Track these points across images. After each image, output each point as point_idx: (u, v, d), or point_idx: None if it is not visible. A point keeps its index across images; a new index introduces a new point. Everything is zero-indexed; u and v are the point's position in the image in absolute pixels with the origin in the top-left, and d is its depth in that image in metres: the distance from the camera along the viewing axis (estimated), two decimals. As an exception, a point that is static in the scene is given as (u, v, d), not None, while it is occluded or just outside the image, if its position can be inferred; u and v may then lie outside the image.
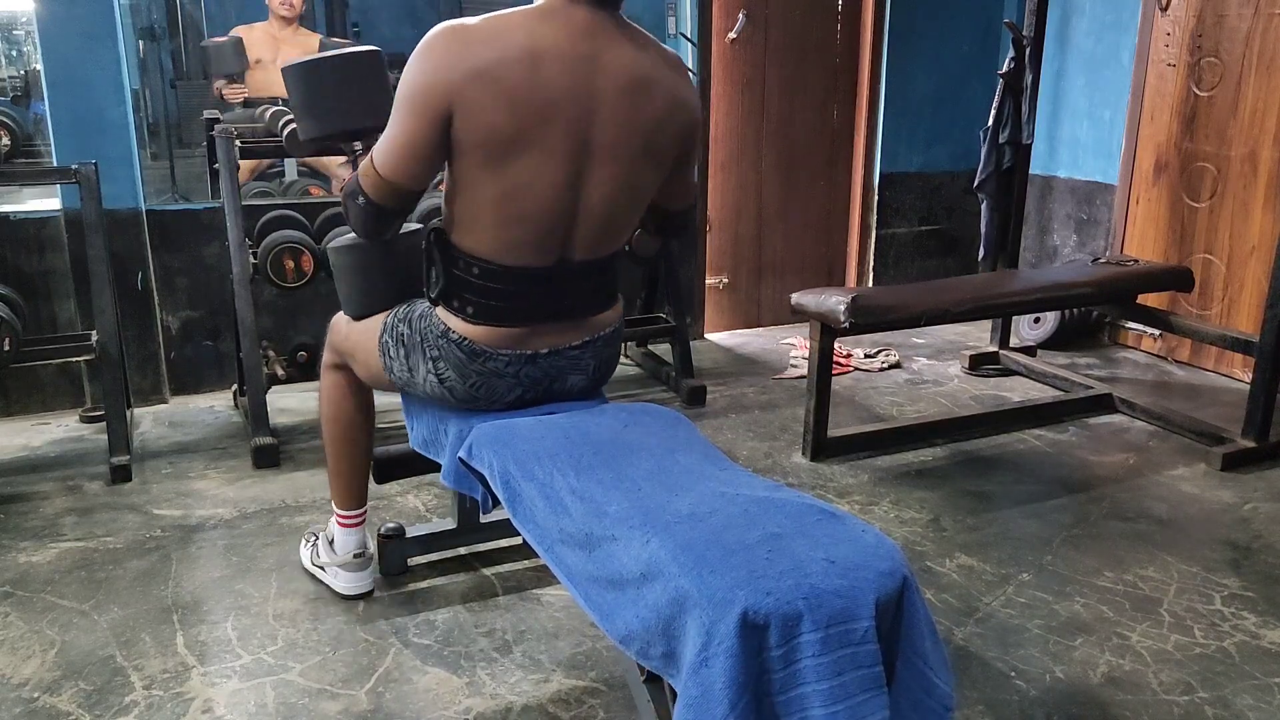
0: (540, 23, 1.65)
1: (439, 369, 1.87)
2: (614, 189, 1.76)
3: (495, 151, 1.65)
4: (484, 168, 1.68)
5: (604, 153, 1.71)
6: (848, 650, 1.25)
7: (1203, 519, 2.84)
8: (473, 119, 1.62)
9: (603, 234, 1.82)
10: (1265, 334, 3.16)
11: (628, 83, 1.69)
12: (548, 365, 1.89)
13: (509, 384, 1.88)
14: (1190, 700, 2.02)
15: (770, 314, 4.87)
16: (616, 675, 2.07)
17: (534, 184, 1.69)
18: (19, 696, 2.01)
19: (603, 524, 1.47)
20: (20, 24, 3.74)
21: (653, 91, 1.71)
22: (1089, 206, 4.55)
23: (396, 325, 1.95)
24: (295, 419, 3.51)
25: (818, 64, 4.69)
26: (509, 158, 1.66)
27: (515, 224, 1.73)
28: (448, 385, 1.88)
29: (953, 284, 3.56)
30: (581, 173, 1.71)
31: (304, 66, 2.01)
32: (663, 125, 1.75)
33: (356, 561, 2.36)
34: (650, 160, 1.78)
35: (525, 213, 1.72)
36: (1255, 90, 3.80)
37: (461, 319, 1.83)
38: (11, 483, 3.02)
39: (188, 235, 3.65)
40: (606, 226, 1.82)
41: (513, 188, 1.69)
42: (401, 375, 1.96)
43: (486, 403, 1.90)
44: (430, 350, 1.87)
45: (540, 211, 1.72)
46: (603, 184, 1.74)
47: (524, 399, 1.92)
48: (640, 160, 1.76)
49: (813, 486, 3.03)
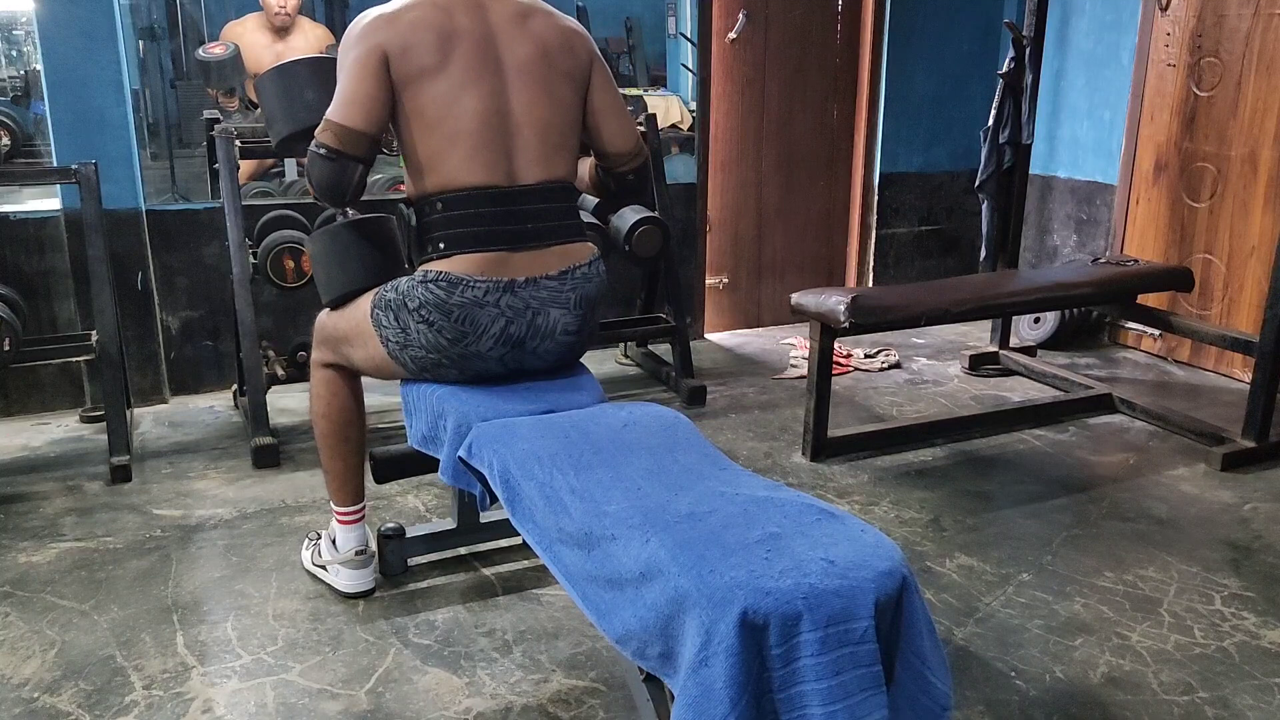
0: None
1: (425, 314, 1.96)
2: (533, 98, 1.99)
3: (423, 78, 1.92)
4: (417, 97, 1.93)
5: (514, 68, 1.98)
6: (847, 650, 1.25)
7: (1203, 519, 2.84)
8: (401, 55, 1.91)
9: (543, 148, 2.01)
10: (1265, 334, 3.16)
11: (514, 14, 2.02)
12: (527, 295, 1.99)
13: (491, 314, 1.97)
14: (1190, 700, 2.02)
15: (770, 314, 4.87)
16: (616, 675, 2.07)
17: (462, 99, 1.94)
18: (19, 696, 2.01)
19: (602, 523, 1.47)
20: (20, 24, 3.74)
21: (537, 17, 2.04)
22: (1089, 206, 4.55)
23: (384, 295, 2.05)
24: (295, 419, 3.51)
25: (818, 64, 4.69)
26: (435, 82, 1.92)
27: (455, 142, 1.94)
28: (436, 327, 1.96)
29: (953, 284, 3.56)
30: (501, 87, 1.97)
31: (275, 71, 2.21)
32: (559, 43, 2.04)
33: (358, 559, 2.36)
34: (557, 75, 2.03)
35: (459, 128, 1.94)
36: (1255, 90, 3.80)
37: (437, 258, 1.98)
38: (11, 483, 3.02)
39: (188, 235, 3.65)
40: (543, 140, 2.01)
41: (444, 107, 1.93)
42: (397, 340, 2.02)
43: (474, 337, 1.97)
44: (412, 301, 1.97)
45: (474, 123, 1.94)
46: (521, 94, 1.99)
47: (509, 331, 1.98)
48: (547, 72, 2.01)
49: (813, 486, 3.03)
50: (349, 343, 2.14)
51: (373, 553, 2.42)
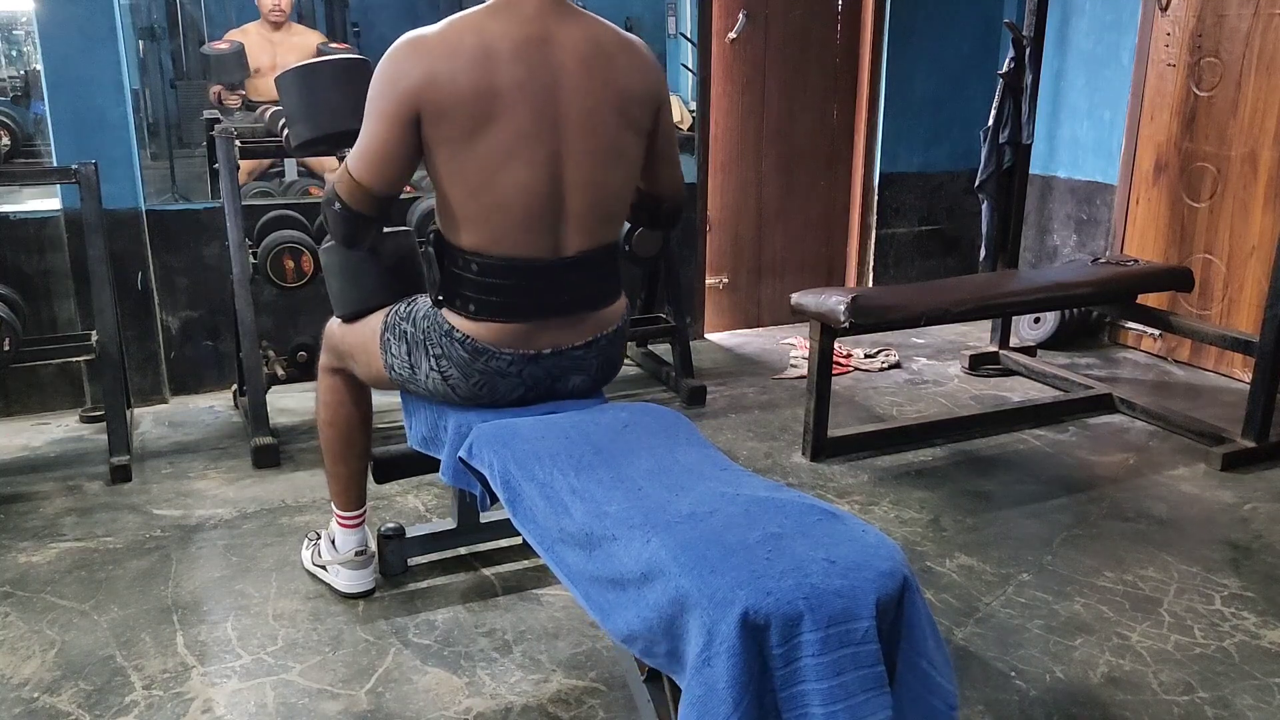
0: (489, 19, 1.72)
1: (442, 367, 1.88)
2: (595, 162, 1.77)
3: (463, 141, 1.70)
4: (456, 160, 1.72)
5: (576, 125, 1.74)
6: (848, 650, 1.25)
7: (1203, 519, 2.84)
8: (437, 116, 1.68)
9: (595, 217, 1.83)
10: (1265, 334, 3.16)
11: (586, 53, 1.73)
12: (550, 365, 1.90)
13: (512, 383, 1.89)
14: (1190, 700, 2.02)
15: (770, 314, 4.87)
16: (616, 675, 2.07)
17: (508, 167, 1.71)
18: (19, 696, 2.01)
19: (603, 524, 1.47)
20: (20, 24, 3.74)
21: (614, 59, 1.77)
22: (1089, 206, 4.55)
23: (399, 323, 1.96)
24: (295, 419, 3.51)
25: (818, 64, 4.69)
26: (477, 146, 1.70)
27: (499, 212, 1.75)
28: (451, 383, 1.89)
29: (953, 284, 3.56)
30: (558, 150, 1.74)
31: (299, 71, 2.09)
32: (631, 90, 1.79)
33: (358, 559, 2.36)
34: (626, 127, 1.80)
35: (506, 198, 1.74)
36: (1255, 90, 3.80)
37: (464, 317, 1.84)
38: (11, 483, 3.02)
39: (188, 235, 3.65)
40: (597, 208, 1.82)
41: (488, 175, 1.72)
42: (402, 372, 1.96)
43: (489, 401, 1.91)
44: (434, 349, 1.88)
45: (521, 194, 1.74)
46: (583, 158, 1.76)
47: (526, 398, 1.93)
48: (616, 128, 1.78)
49: (813, 486, 3.03)
50: (353, 357, 2.12)
51: (373, 553, 2.42)
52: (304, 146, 2.18)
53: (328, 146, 2.19)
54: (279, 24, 4.02)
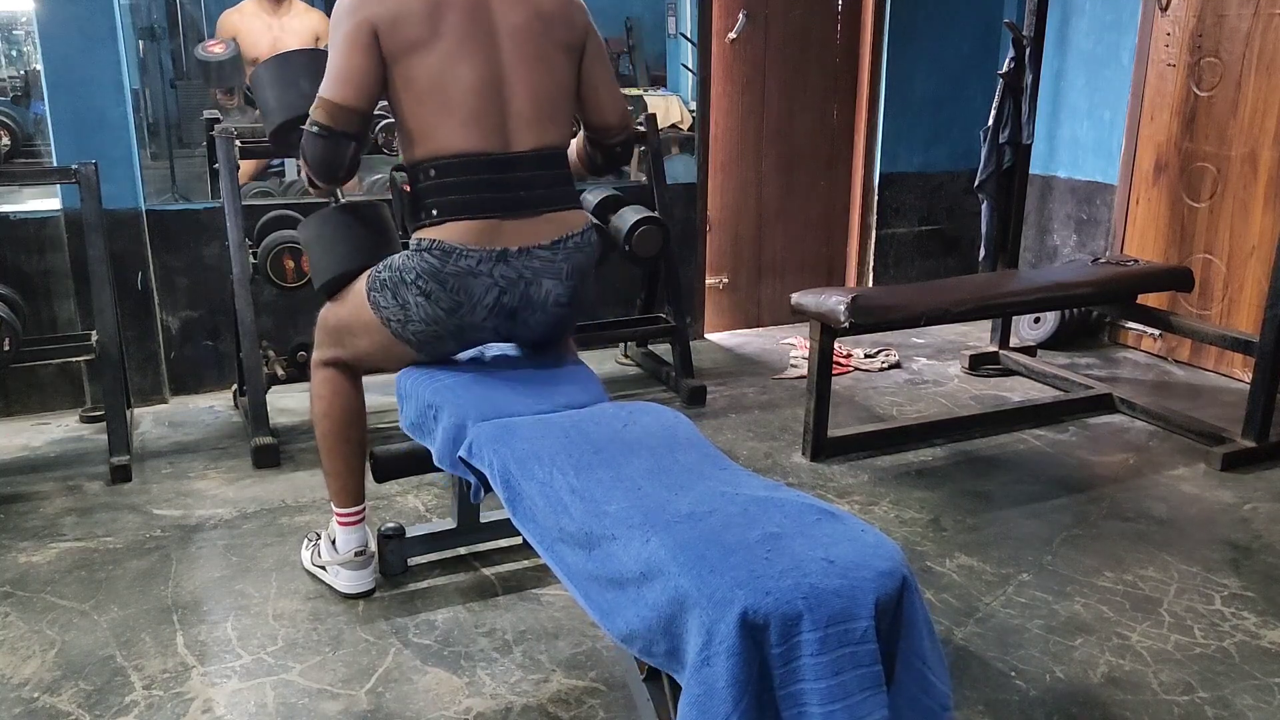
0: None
1: (421, 285, 1.98)
2: (528, 67, 2.00)
3: (414, 50, 1.93)
4: (410, 69, 1.94)
5: (508, 37, 1.99)
6: (847, 649, 1.25)
7: (1203, 519, 2.84)
8: (391, 29, 1.92)
9: (536, 115, 2.01)
10: (1265, 334, 3.16)
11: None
12: (520, 265, 2.01)
13: (485, 283, 1.99)
14: (1190, 700, 2.02)
15: (770, 314, 4.87)
16: (616, 675, 2.07)
17: (454, 69, 1.94)
18: (19, 696, 2.01)
19: (603, 523, 1.47)
20: (20, 24, 3.74)
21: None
22: (1089, 206, 4.55)
23: (378, 275, 2.07)
24: (295, 419, 3.51)
25: (818, 64, 4.69)
26: (427, 53, 1.93)
27: (449, 111, 1.95)
28: (433, 298, 1.98)
29: (953, 284, 3.56)
30: (494, 56, 1.97)
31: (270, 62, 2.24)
32: (555, 13, 2.04)
33: (358, 559, 2.36)
34: (552, 43, 2.04)
35: (452, 96, 1.95)
36: (1255, 90, 3.80)
37: (430, 225, 1.99)
38: (11, 483, 3.02)
39: (188, 235, 3.65)
40: (537, 107, 2.02)
41: (436, 77, 1.94)
42: (397, 318, 2.04)
43: (469, 308, 1.99)
44: (409, 274, 1.99)
45: (467, 92, 1.95)
46: (516, 63, 1.99)
47: (503, 302, 2.00)
48: (542, 41, 2.02)
49: (813, 486, 3.03)
50: (350, 331, 2.15)
51: (373, 553, 2.42)
52: (279, 132, 2.24)
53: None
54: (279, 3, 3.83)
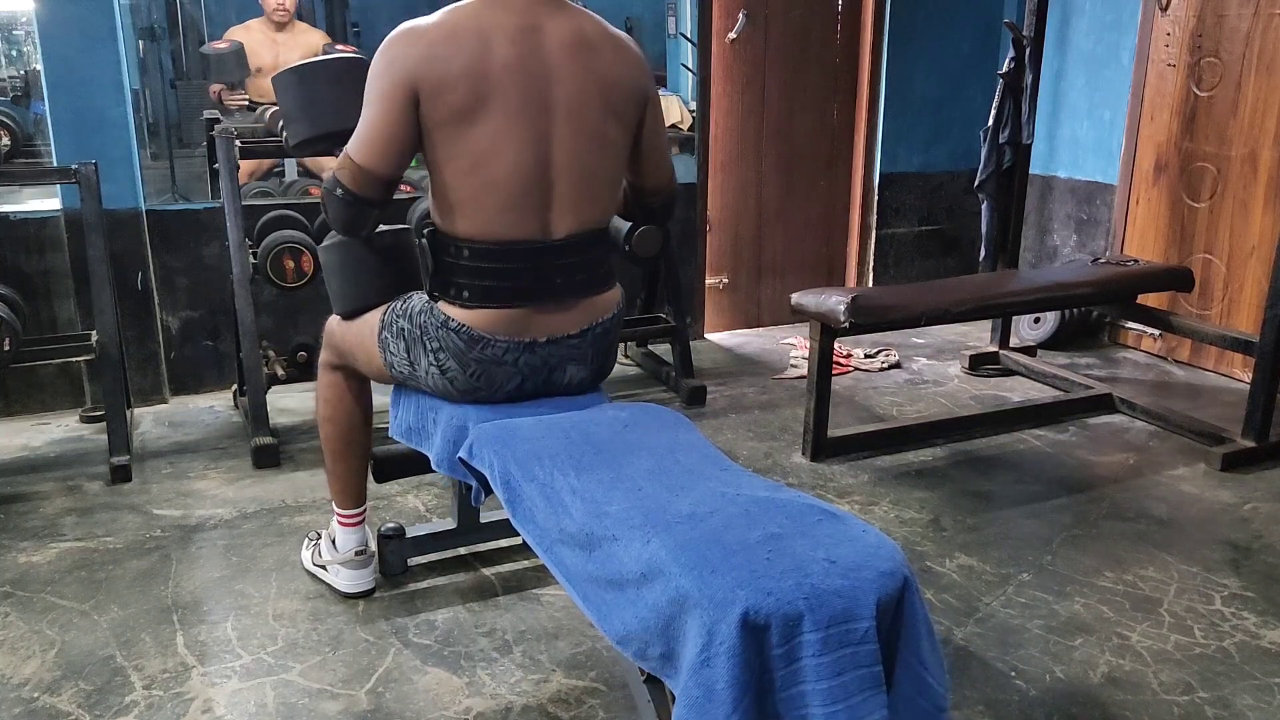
0: (484, 9, 1.80)
1: (440, 360, 1.90)
2: (580, 145, 1.84)
3: (458, 122, 1.76)
4: (451, 142, 1.78)
5: (564, 110, 1.81)
6: (848, 650, 1.25)
7: (1203, 519, 2.84)
8: (434, 96, 1.75)
9: (582, 198, 1.88)
10: (1265, 334, 3.16)
11: (574, 44, 1.81)
12: (546, 354, 1.92)
13: (508, 372, 1.91)
14: (1190, 700, 2.02)
15: (770, 314, 4.87)
16: (616, 675, 2.07)
17: (499, 148, 1.78)
18: (19, 696, 2.01)
19: (603, 524, 1.47)
20: (20, 24, 3.74)
21: (600, 50, 1.84)
22: (1089, 206, 4.55)
23: (395, 320, 1.98)
24: (295, 419, 3.51)
25: (818, 64, 4.69)
26: (472, 126, 1.76)
27: (490, 192, 1.81)
28: (449, 376, 1.91)
29: (953, 284, 3.56)
30: (546, 132, 1.80)
31: (297, 71, 2.12)
32: (618, 81, 1.86)
33: (358, 559, 2.36)
34: (611, 116, 1.86)
35: (496, 178, 1.80)
36: (1255, 90, 3.80)
37: (459, 305, 1.88)
38: (11, 483, 3.02)
39: (188, 235, 3.65)
40: (583, 189, 1.87)
41: (480, 155, 1.78)
42: (403, 370, 1.98)
43: (488, 392, 1.93)
44: (431, 342, 1.90)
45: (510, 174, 1.80)
46: (568, 141, 1.82)
47: (524, 388, 1.95)
48: (601, 115, 1.84)
49: (813, 486, 3.03)
50: (353, 354, 2.13)
51: (373, 553, 2.42)
52: (302, 145, 2.19)
53: (326, 145, 2.19)
54: (283, 24, 4.00)
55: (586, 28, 1.84)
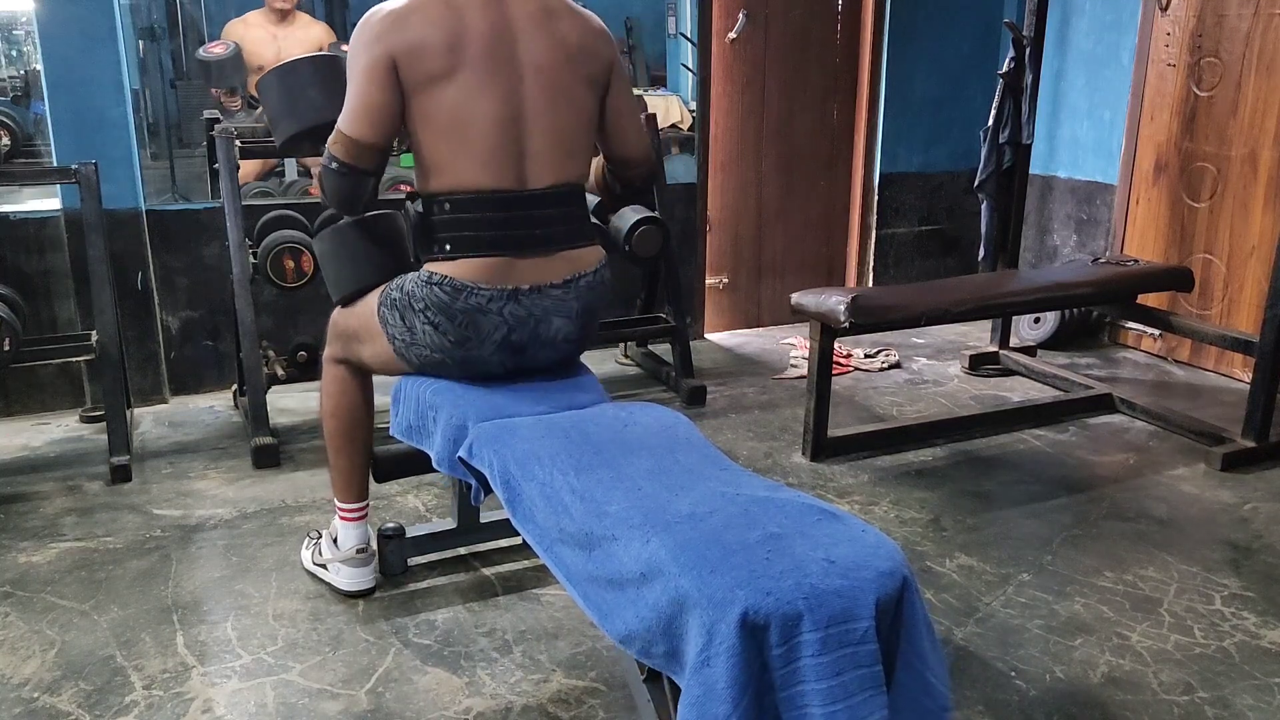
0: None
1: (430, 316, 1.97)
2: (550, 103, 1.95)
3: (434, 84, 1.88)
4: (429, 103, 1.89)
5: (532, 70, 1.93)
6: (847, 650, 1.25)
7: (1203, 519, 2.84)
8: (411, 63, 1.87)
9: (555, 152, 1.98)
10: (1265, 334, 3.16)
11: (538, 12, 1.95)
12: (530, 304, 1.99)
13: (494, 321, 1.97)
14: (1190, 700, 2.02)
15: (770, 314, 4.87)
16: (616, 675, 2.07)
17: (473, 105, 1.90)
18: (19, 696, 2.01)
19: (603, 524, 1.47)
20: (20, 24, 3.74)
21: (561, 16, 1.98)
22: (1089, 206, 4.55)
23: (389, 294, 2.05)
24: (295, 419, 3.51)
25: (818, 64, 4.69)
26: (447, 85, 1.88)
27: (468, 146, 1.91)
28: (440, 329, 1.97)
29: (953, 284, 3.56)
30: (516, 89, 1.92)
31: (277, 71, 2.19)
32: (582, 46, 1.99)
33: (359, 557, 2.36)
34: (578, 79, 1.99)
35: (472, 134, 1.91)
36: (1255, 90, 3.80)
37: (442, 259, 1.97)
38: (11, 483, 3.02)
39: (188, 235, 3.65)
40: (556, 144, 1.98)
41: (456, 112, 1.90)
42: (404, 339, 2.03)
43: (477, 343, 1.98)
44: (418, 303, 1.98)
45: (485, 128, 1.91)
46: (538, 98, 1.94)
47: (511, 339, 2.00)
48: (569, 76, 1.97)
49: (813, 486, 3.03)
50: (358, 339, 2.16)
51: (373, 551, 2.42)
52: (289, 143, 2.24)
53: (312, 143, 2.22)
54: (284, 14, 3.87)
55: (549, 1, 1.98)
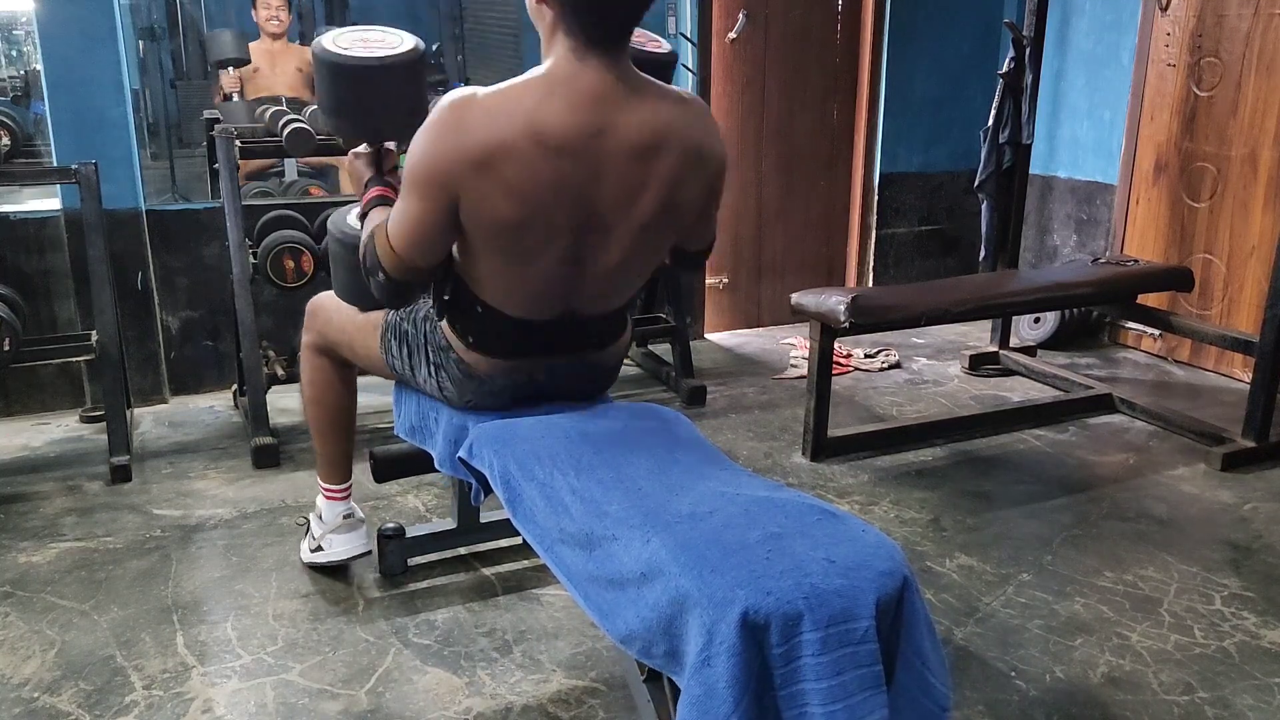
0: (545, 98, 1.56)
1: (439, 377, 1.90)
2: (624, 251, 1.71)
3: (499, 235, 1.64)
4: (488, 245, 1.67)
5: (613, 220, 1.66)
6: (848, 649, 1.25)
7: (1203, 519, 2.84)
8: (477, 207, 1.60)
9: (612, 290, 1.81)
10: (1265, 334, 3.16)
11: (638, 147, 1.60)
12: (545, 381, 1.89)
13: (505, 400, 1.90)
14: (1190, 700, 2.02)
15: (770, 314, 4.87)
16: (616, 675, 2.07)
17: (538, 255, 1.67)
18: (19, 696, 2.01)
19: (603, 524, 1.47)
20: (20, 24, 3.74)
21: (667, 150, 1.62)
22: (1089, 206, 4.55)
23: (400, 324, 1.97)
24: (295, 419, 3.51)
25: (818, 64, 4.69)
26: (511, 234, 1.63)
27: (519, 286, 1.73)
28: (446, 393, 1.92)
29: (953, 284, 3.56)
30: (590, 244, 1.67)
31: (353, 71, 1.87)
32: (683, 181, 1.66)
33: (347, 523, 2.38)
34: (668, 217, 1.71)
35: (528, 278, 1.70)
36: (1255, 90, 3.80)
37: (462, 344, 1.83)
38: (11, 483, 3.02)
39: (188, 235, 3.65)
40: (616, 284, 1.80)
41: (517, 259, 1.68)
42: (403, 371, 2.00)
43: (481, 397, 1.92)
44: (432, 356, 1.90)
45: (544, 278, 1.70)
46: (611, 247, 1.69)
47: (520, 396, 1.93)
48: (655, 220, 1.69)
49: (813, 486, 3.03)
50: (348, 342, 2.14)
51: (361, 519, 2.42)
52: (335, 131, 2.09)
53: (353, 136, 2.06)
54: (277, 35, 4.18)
55: (661, 120, 1.61)
